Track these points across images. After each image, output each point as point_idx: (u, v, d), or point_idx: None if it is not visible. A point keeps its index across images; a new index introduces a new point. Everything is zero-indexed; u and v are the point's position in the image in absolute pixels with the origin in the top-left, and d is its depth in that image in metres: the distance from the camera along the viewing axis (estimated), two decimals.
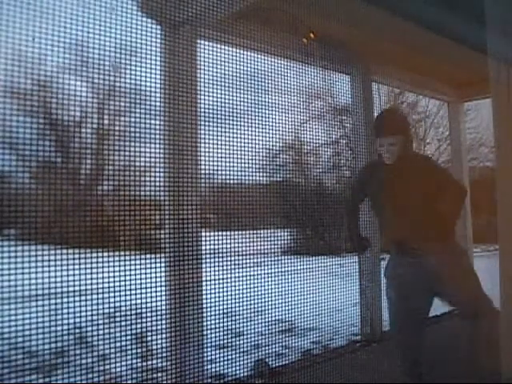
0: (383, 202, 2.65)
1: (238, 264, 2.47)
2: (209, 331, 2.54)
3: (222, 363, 2.41)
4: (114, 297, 1.96)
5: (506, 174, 2.51)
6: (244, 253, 2.48)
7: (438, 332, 3.49)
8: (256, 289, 2.48)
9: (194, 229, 2.36)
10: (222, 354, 2.44)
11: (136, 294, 2.02)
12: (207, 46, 2.42)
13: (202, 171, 2.43)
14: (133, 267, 2.03)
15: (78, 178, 2.41)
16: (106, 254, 2.04)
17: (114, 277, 1.94)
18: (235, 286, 2.38)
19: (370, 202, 2.82)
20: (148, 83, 2.11)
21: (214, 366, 2.46)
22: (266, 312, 2.60)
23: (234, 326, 2.63)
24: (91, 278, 1.91)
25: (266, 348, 3.21)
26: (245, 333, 2.62)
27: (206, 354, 2.54)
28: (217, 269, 2.39)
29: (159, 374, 2.62)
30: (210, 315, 2.47)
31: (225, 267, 2.40)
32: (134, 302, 2.05)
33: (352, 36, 3.26)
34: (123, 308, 2.03)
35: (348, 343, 3.80)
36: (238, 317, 2.58)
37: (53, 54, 1.81)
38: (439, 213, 2.54)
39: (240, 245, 2.47)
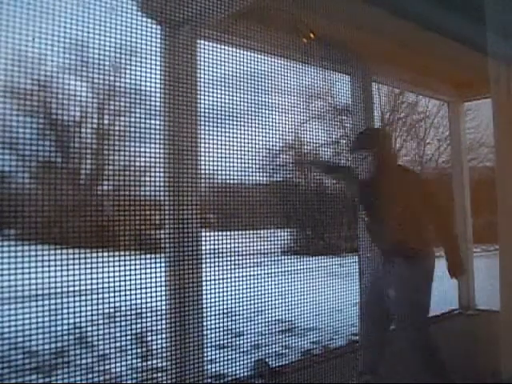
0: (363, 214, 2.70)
1: (238, 264, 2.47)
2: (209, 331, 2.54)
3: (222, 363, 2.40)
4: (114, 297, 1.96)
5: (506, 173, 2.51)
6: (244, 253, 2.48)
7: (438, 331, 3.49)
8: (256, 289, 2.48)
9: (194, 229, 2.36)
10: (222, 354, 2.44)
11: (136, 294, 2.02)
12: (207, 46, 2.41)
13: (202, 171, 2.43)
14: (133, 267, 2.03)
15: (78, 178, 2.41)
16: (106, 254, 2.04)
17: (114, 277, 1.94)
18: (235, 286, 2.38)
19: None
20: (148, 83, 2.11)
21: (213, 365, 2.46)
22: (266, 312, 2.60)
23: (233, 326, 2.63)
24: (91, 278, 1.91)
25: (266, 348, 3.21)
26: (245, 333, 2.62)
27: (206, 354, 2.54)
28: (217, 269, 2.39)
29: (159, 374, 2.61)
30: (210, 315, 2.47)
31: (225, 267, 2.40)
32: (133, 302, 2.05)
33: (352, 36, 3.26)
34: (123, 308, 2.03)
35: (348, 343, 3.80)
36: (237, 317, 2.58)
37: (53, 54, 1.81)
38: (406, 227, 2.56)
39: (240, 245, 2.47)
